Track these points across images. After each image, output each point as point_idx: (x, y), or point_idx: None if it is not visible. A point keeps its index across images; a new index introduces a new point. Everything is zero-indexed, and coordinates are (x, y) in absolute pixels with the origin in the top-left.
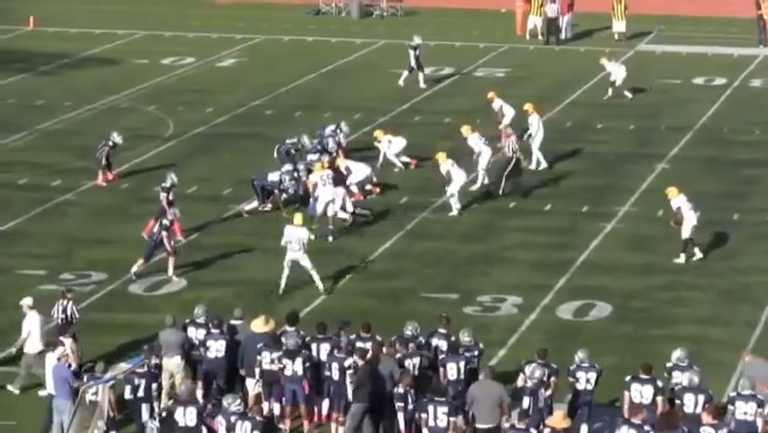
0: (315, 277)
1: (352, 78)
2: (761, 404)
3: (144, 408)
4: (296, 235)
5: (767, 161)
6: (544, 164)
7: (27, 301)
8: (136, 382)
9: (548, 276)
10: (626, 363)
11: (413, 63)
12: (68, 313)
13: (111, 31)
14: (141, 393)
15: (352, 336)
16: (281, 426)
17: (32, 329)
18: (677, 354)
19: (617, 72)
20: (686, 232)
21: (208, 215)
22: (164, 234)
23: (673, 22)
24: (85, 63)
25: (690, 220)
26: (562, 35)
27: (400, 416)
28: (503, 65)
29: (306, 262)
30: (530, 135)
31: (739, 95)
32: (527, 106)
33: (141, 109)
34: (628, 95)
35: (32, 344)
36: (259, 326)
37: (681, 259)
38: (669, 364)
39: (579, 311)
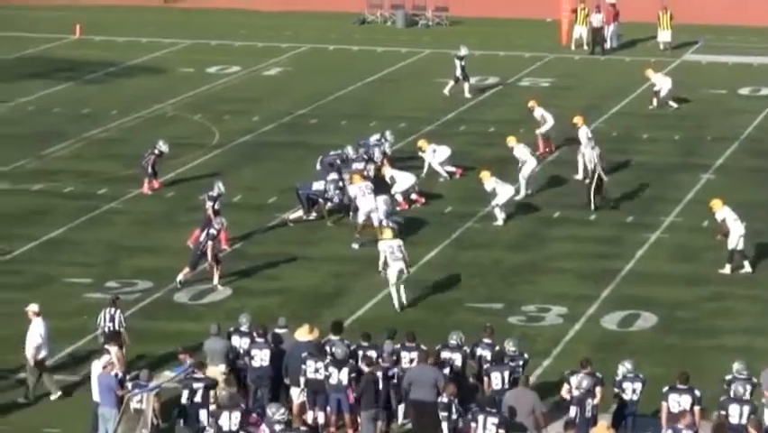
0: (403, 292)
1: (397, 88)
2: None
3: (202, 413)
4: (396, 245)
5: None
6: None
7: (33, 308)
8: (194, 386)
9: (593, 286)
10: (672, 374)
11: (458, 73)
12: (116, 321)
13: (157, 39)
14: (198, 399)
15: (398, 346)
16: None
17: (42, 335)
18: (736, 366)
19: (663, 83)
20: (732, 243)
21: (253, 223)
22: (210, 243)
23: (719, 32)
24: (131, 72)
25: (736, 231)
26: (608, 45)
27: (444, 426)
28: (548, 75)
29: (402, 274)
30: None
31: None
32: (577, 120)
33: (187, 118)
34: (673, 104)
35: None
36: (303, 334)
37: (727, 270)
38: (728, 377)
39: (624, 321)
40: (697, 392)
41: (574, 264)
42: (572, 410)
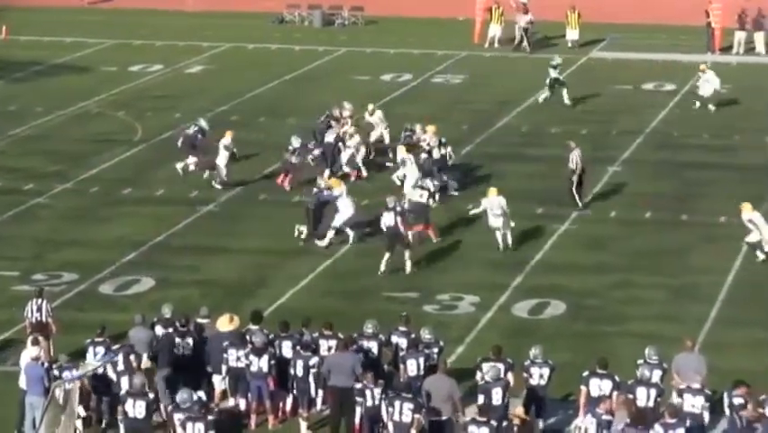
0: (509, 238)
1: (314, 85)
2: (708, 398)
3: (124, 381)
4: (495, 203)
5: (715, 163)
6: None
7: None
8: (115, 358)
9: (504, 275)
10: (580, 359)
11: (551, 80)
12: (43, 312)
13: (81, 39)
14: (120, 367)
15: (315, 334)
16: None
17: None
18: (647, 351)
19: (713, 82)
20: (754, 238)
21: (176, 217)
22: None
23: (625, 30)
24: (56, 71)
25: (765, 232)
26: (517, 42)
27: (358, 410)
28: (460, 72)
29: (507, 228)
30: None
31: (688, 100)
32: (429, 127)
33: (111, 115)
34: (711, 108)
35: None
36: (224, 324)
37: (762, 256)
38: (639, 361)
39: (534, 309)
40: (616, 377)
41: (486, 255)
42: (480, 398)
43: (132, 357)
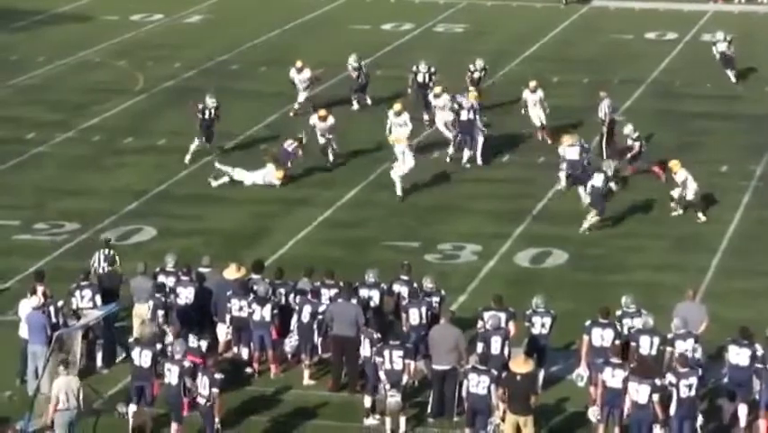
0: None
1: (315, 34)
2: (697, 339)
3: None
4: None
5: (717, 113)
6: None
7: None
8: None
9: (506, 225)
10: (582, 308)
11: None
12: (109, 262)
13: None
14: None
15: (317, 283)
16: (249, 369)
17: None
18: (624, 300)
19: None
20: (690, 195)
21: (177, 167)
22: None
23: None
24: (57, 20)
25: (692, 187)
26: None
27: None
28: (462, 21)
29: None
30: None
31: (690, 49)
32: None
33: (112, 64)
34: None
35: None
36: (231, 273)
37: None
38: (618, 312)
39: (536, 258)
40: (618, 327)
41: (488, 204)
42: (479, 347)
43: (159, 312)
